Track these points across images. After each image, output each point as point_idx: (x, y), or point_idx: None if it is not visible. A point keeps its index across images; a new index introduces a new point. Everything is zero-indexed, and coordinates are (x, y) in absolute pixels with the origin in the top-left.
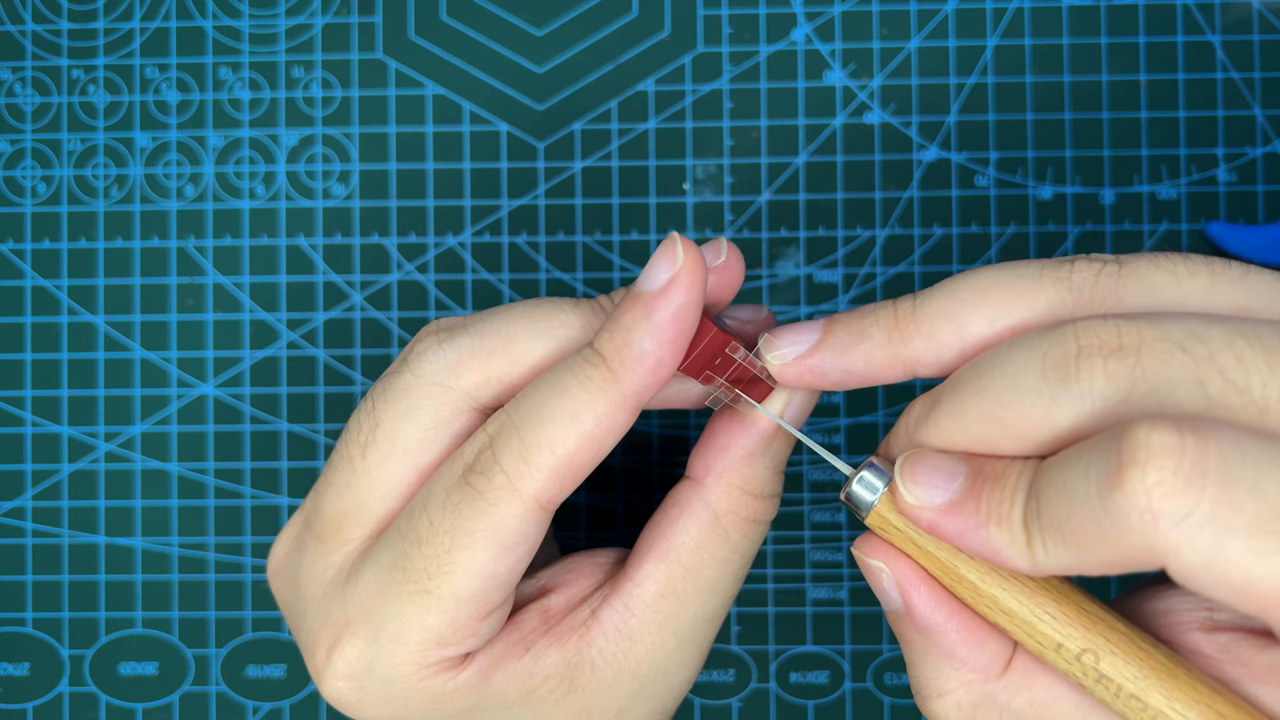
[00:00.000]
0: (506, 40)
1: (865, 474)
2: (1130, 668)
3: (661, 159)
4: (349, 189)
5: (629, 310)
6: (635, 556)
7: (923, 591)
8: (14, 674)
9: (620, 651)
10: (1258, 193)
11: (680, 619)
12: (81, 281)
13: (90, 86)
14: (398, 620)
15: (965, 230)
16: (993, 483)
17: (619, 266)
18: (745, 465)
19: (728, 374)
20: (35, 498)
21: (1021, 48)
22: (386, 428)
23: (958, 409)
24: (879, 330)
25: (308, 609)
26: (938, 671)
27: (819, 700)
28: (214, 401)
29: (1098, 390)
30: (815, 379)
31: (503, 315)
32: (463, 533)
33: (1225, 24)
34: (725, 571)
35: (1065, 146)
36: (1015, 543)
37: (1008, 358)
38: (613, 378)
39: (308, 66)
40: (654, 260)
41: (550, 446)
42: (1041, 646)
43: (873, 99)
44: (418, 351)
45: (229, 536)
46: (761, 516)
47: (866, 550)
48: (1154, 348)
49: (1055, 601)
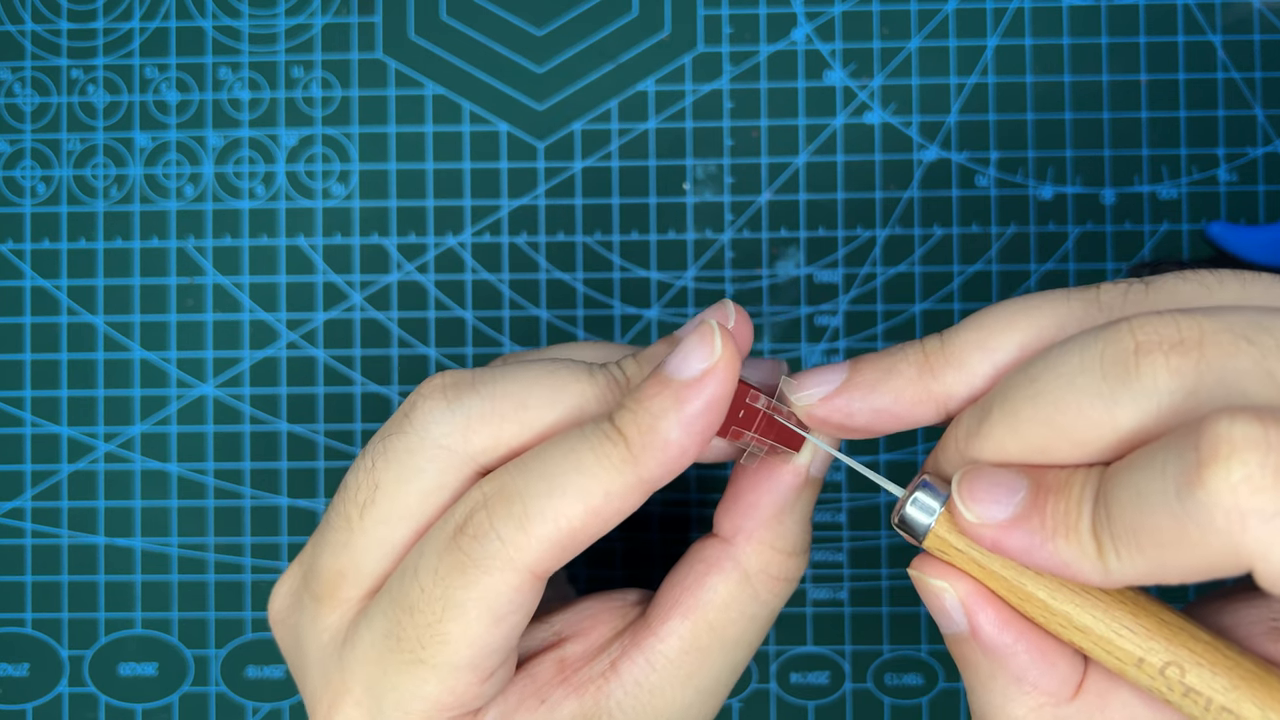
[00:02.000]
0: (506, 40)
1: (919, 495)
2: (1219, 679)
3: (661, 159)
4: (349, 189)
5: (657, 395)
6: (658, 609)
7: (990, 612)
8: (14, 674)
9: (639, 705)
10: (1258, 193)
11: (703, 676)
12: (81, 282)
13: (90, 86)
14: (396, 690)
15: (965, 230)
16: (1056, 494)
17: (619, 266)
18: (775, 523)
19: (755, 426)
20: (35, 498)
21: (1022, 48)
22: (387, 489)
23: (1011, 417)
24: (908, 366)
25: (309, 669)
26: (1005, 698)
27: (819, 701)
28: (214, 402)
29: (1162, 386)
30: (843, 419)
31: (515, 378)
32: (454, 603)
33: (1226, 24)
34: (752, 629)
35: (1066, 146)
36: (1086, 554)
37: (1062, 359)
38: (632, 460)
39: (308, 66)
40: (689, 345)
41: (554, 519)
42: (1122, 663)
43: (873, 99)
44: (423, 411)
45: (229, 537)
46: (793, 575)
47: (928, 571)
48: (1217, 339)
49: (1132, 614)
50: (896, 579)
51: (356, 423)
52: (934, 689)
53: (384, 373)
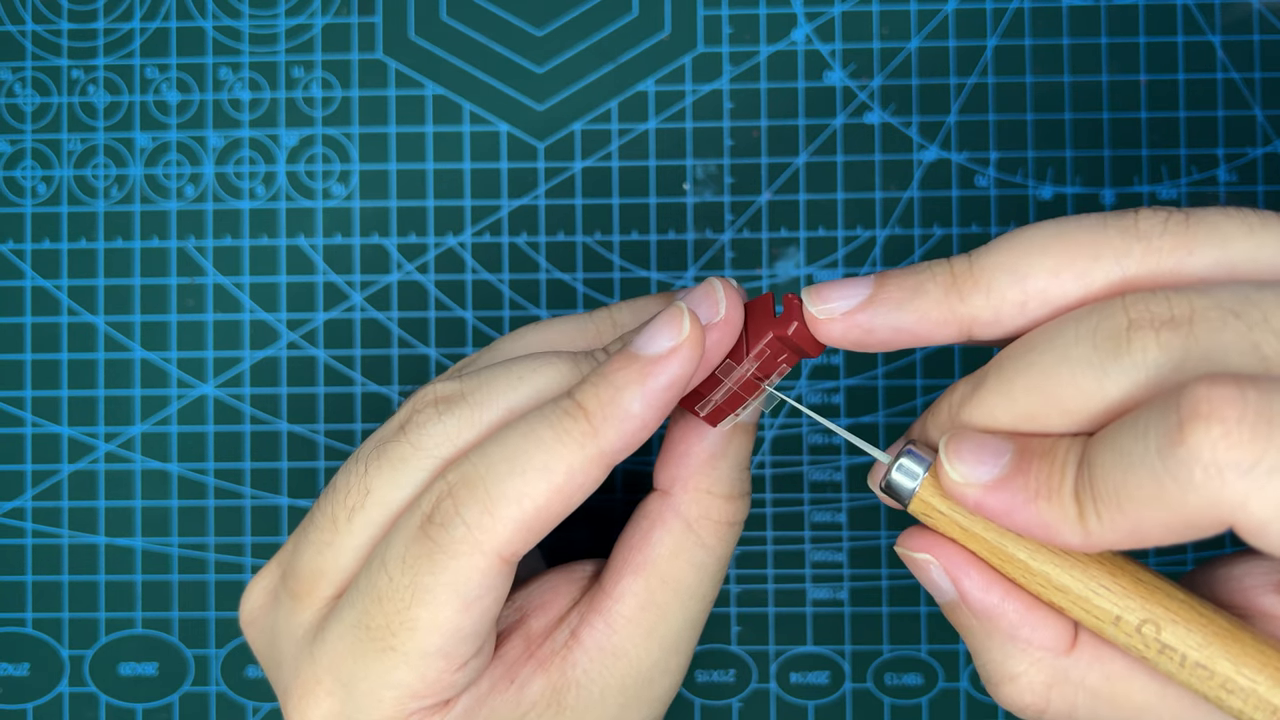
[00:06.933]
0: (506, 40)
1: (904, 461)
2: (1193, 635)
3: (661, 159)
4: (349, 189)
5: (622, 368)
6: (611, 571)
7: (973, 575)
8: (14, 674)
9: (605, 668)
10: (1258, 193)
11: (663, 629)
12: (81, 282)
13: (90, 87)
14: (367, 679)
15: (965, 230)
16: (1041, 457)
17: (619, 267)
18: (710, 469)
19: (717, 391)
20: (35, 498)
21: (1022, 48)
22: (378, 495)
23: (1005, 386)
24: (935, 286)
25: (282, 664)
26: (1004, 655)
27: (819, 701)
28: (214, 402)
29: (1151, 359)
30: (862, 335)
31: (501, 381)
32: (422, 588)
33: (1225, 24)
34: (703, 577)
35: (1065, 147)
36: (1067, 516)
37: (1058, 332)
38: (592, 432)
39: (308, 67)
40: (657, 323)
41: (518, 499)
42: (1099, 621)
43: (873, 99)
44: (416, 423)
45: (229, 537)
46: (734, 518)
47: (911, 545)
48: (1206, 315)
49: (1110, 574)
50: (896, 579)
51: (357, 423)
52: (934, 689)
53: (384, 373)
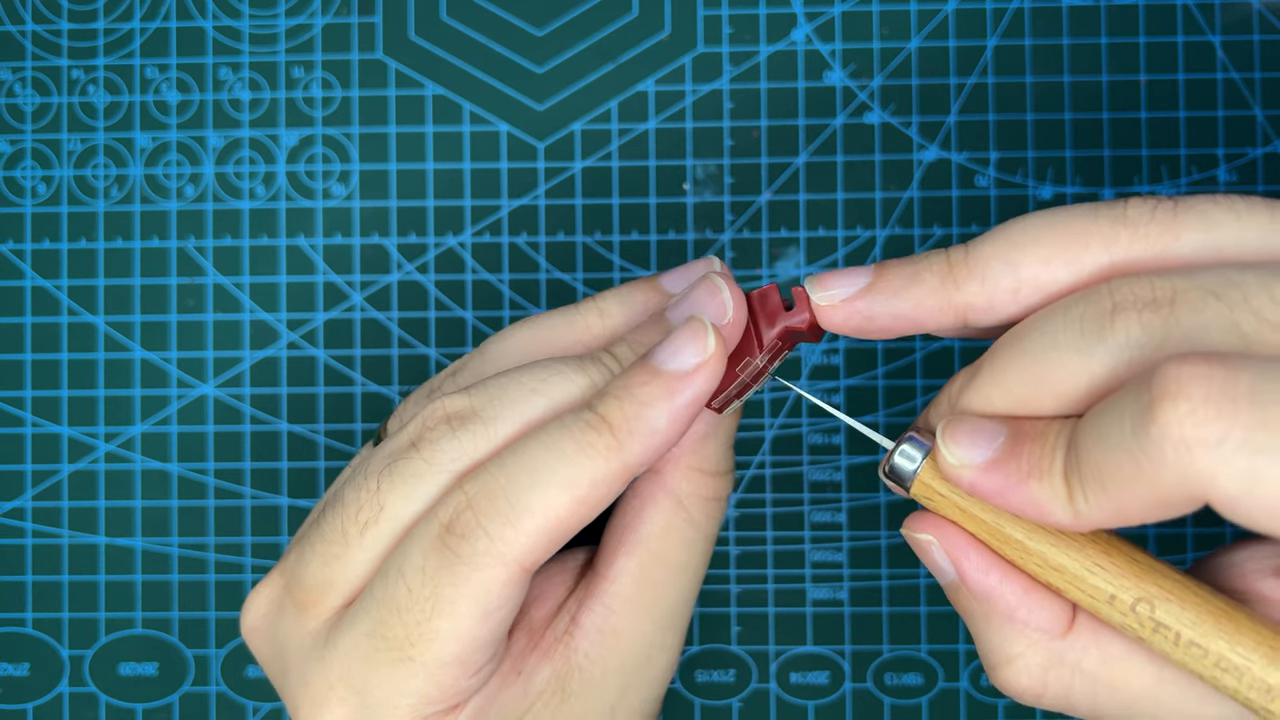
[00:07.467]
0: (506, 40)
1: (905, 447)
2: (1187, 613)
3: (661, 159)
4: (349, 189)
5: (646, 384)
6: (604, 553)
7: (973, 556)
8: (14, 674)
9: (605, 650)
10: (1258, 193)
11: (657, 606)
12: (81, 282)
13: (90, 87)
14: (381, 687)
15: (965, 230)
16: (1033, 440)
17: (619, 267)
18: (699, 446)
19: (730, 386)
20: (35, 498)
21: (1021, 48)
22: (391, 510)
23: (999, 372)
24: (932, 275)
25: (289, 674)
26: (1002, 637)
27: (819, 701)
28: (214, 402)
29: (1133, 340)
30: (862, 322)
31: (512, 394)
32: (444, 600)
33: (1225, 24)
34: (694, 553)
35: (1065, 147)
36: (1057, 496)
37: (1047, 319)
38: (617, 446)
39: (308, 67)
40: (681, 338)
41: (541, 511)
42: (1095, 600)
43: (873, 99)
44: (430, 440)
45: (229, 537)
46: (721, 493)
47: (914, 527)
48: (1187, 296)
49: (1105, 553)
50: (896, 579)
51: (357, 423)
52: (934, 689)
53: (384, 373)
